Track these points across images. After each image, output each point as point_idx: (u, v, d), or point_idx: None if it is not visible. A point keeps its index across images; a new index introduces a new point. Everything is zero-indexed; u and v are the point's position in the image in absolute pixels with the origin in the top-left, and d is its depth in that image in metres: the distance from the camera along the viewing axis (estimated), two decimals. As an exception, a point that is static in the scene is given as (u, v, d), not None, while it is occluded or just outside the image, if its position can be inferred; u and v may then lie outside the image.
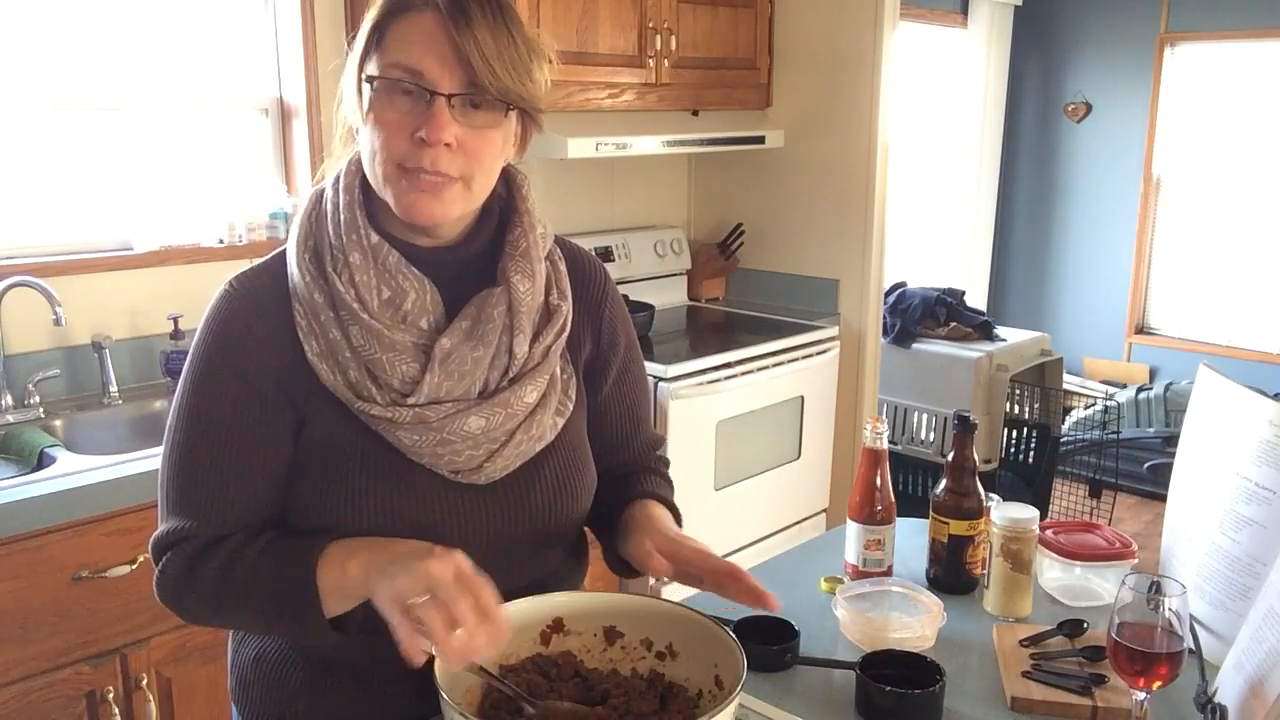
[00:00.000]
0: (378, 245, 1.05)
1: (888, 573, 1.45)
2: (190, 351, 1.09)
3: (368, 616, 0.99)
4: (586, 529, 1.29)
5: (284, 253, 1.10)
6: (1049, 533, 1.46)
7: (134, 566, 1.83)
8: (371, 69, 1.02)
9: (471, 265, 1.11)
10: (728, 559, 1.11)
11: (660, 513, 1.20)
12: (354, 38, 1.06)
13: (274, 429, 1.06)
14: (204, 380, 1.06)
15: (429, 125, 0.99)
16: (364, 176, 1.07)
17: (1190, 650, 1.06)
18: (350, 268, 1.04)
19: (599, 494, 1.23)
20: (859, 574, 1.45)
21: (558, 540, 1.19)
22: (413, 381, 1.04)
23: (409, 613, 0.89)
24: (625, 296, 3.14)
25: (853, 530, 1.46)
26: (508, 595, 1.08)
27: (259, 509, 1.08)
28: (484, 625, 0.90)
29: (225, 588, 1.04)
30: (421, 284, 1.06)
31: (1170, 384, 4.72)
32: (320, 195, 1.10)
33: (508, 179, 1.15)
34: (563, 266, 1.18)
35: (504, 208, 1.14)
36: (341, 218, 1.06)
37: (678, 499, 1.31)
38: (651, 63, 2.95)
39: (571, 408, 1.16)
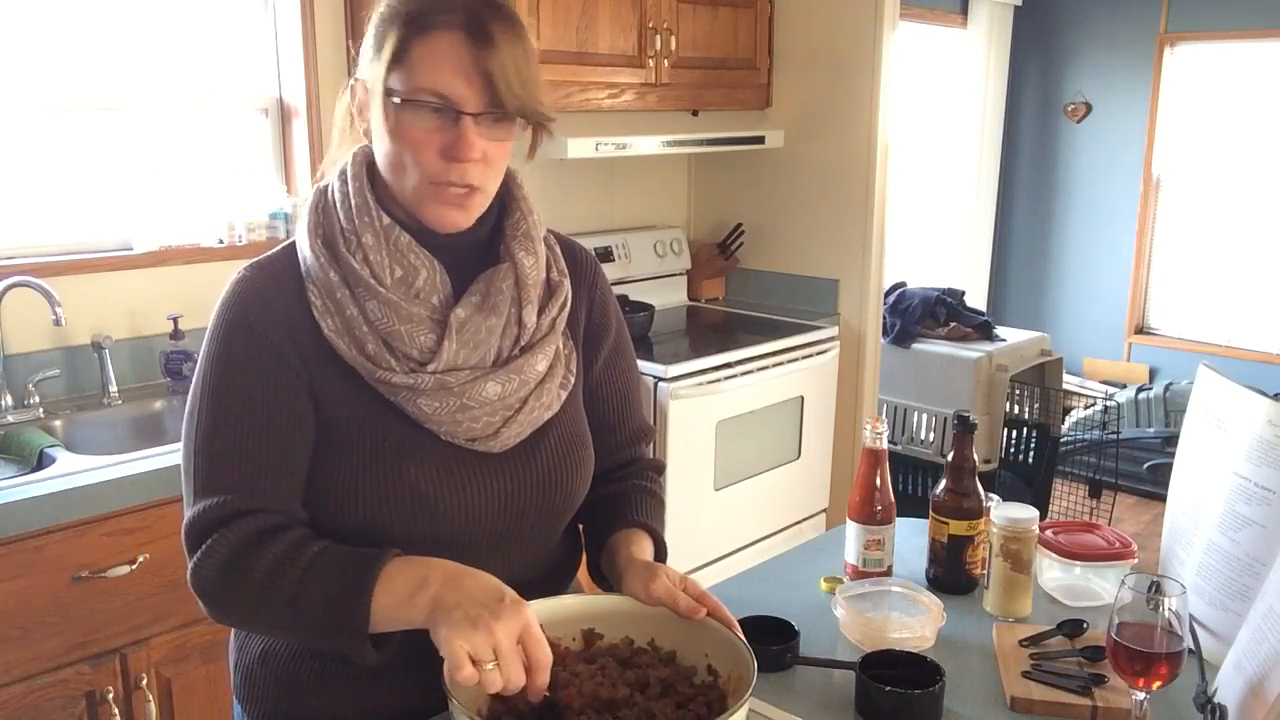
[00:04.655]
0: (389, 227, 1.10)
1: (888, 573, 1.45)
2: (208, 335, 1.10)
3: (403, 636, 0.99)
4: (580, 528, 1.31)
5: (291, 245, 1.14)
6: (1049, 533, 1.46)
7: (134, 566, 1.83)
8: (397, 85, 1.04)
9: (475, 249, 1.15)
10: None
11: (644, 553, 1.20)
12: (363, 44, 1.09)
13: (299, 401, 1.08)
14: (227, 358, 1.07)
15: (460, 144, 1.04)
16: (369, 166, 1.12)
17: (1190, 650, 1.06)
18: (364, 248, 1.09)
19: (593, 505, 1.26)
20: (859, 574, 1.45)
21: (560, 514, 1.21)
22: (430, 351, 1.08)
23: (473, 666, 0.92)
24: (625, 296, 3.17)
25: (853, 530, 1.46)
26: (517, 585, 1.10)
27: (292, 486, 1.07)
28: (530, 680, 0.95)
29: (274, 586, 1.01)
30: (431, 263, 1.11)
31: (1170, 384, 4.72)
32: (325, 189, 1.15)
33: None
34: (558, 249, 1.24)
35: (502, 197, 1.19)
36: (352, 203, 1.10)
37: (678, 500, 1.34)
38: (651, 63, 2.95)
39: (573, 381, 1.21)
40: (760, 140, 3.30)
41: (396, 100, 1.04)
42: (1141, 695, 1.07)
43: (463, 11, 1.03)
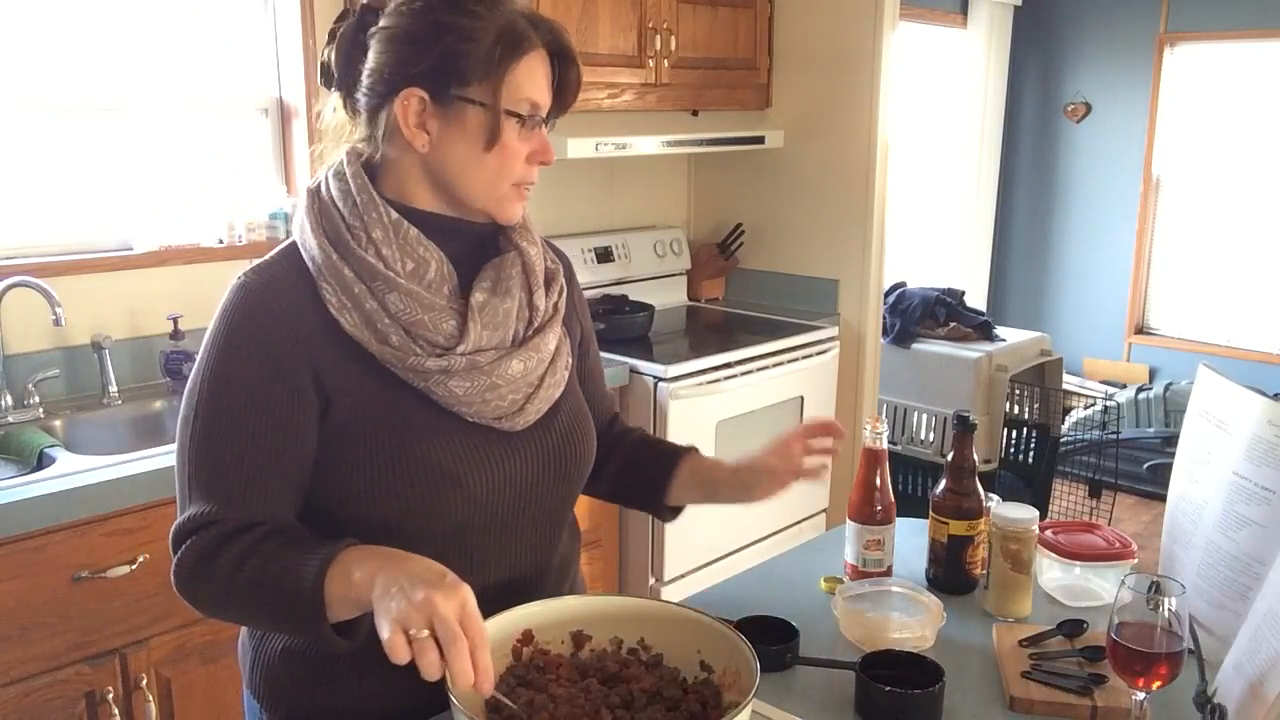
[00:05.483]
0: (397, 222, 1.12)
1: (887, 573, 1.45)
2: (208, 341, 1.11)
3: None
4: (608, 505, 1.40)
5: (291, 247, 1.15)
6: (1049, 533, 1.46)
7: (134, 566, 1.83)
8: (503, 100, 1.10)
9: (475, 243, 1.20)
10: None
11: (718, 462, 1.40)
12: (405, 53, 1.09)
13: (299, 417, 1.09)
14: (227, 367, 1.08)
15: (548, 150, 1.16)
16: (363, 164, 1.15)
17: (1190, 650, 1.07)
18: (375, 243, 1.11)
19: (628, 465, 1.40)
20: (859, 574, 1.45)
21: (574, 486, 1.26)
22: (453, 336, 1.12)
23: (408, 640, 0.92)
24: (624, 296, 3.17)
25: (852, 530, 1.46)
26: (531, 573, 1.19)
27: (284, 500, 1.09)
28: (475, 677, 0.93)
29: (235, 583, 1.04)
30: (439, 256, 1.14)
31: (1170, 384, 4.72)
32: (317, 189, 1.16)
33: None
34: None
35: None
36: (357, 200, 1.12)
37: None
38: (651, 63, 2.95)
39: (572, 361, 1.28)
40: (760, 140, 3.30)
41: (512, 117, 1.11)
42: (1141, 695, 1.07)
43: (542, 30, 1.13)
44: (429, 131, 1.11)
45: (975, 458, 1.43)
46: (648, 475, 1.39)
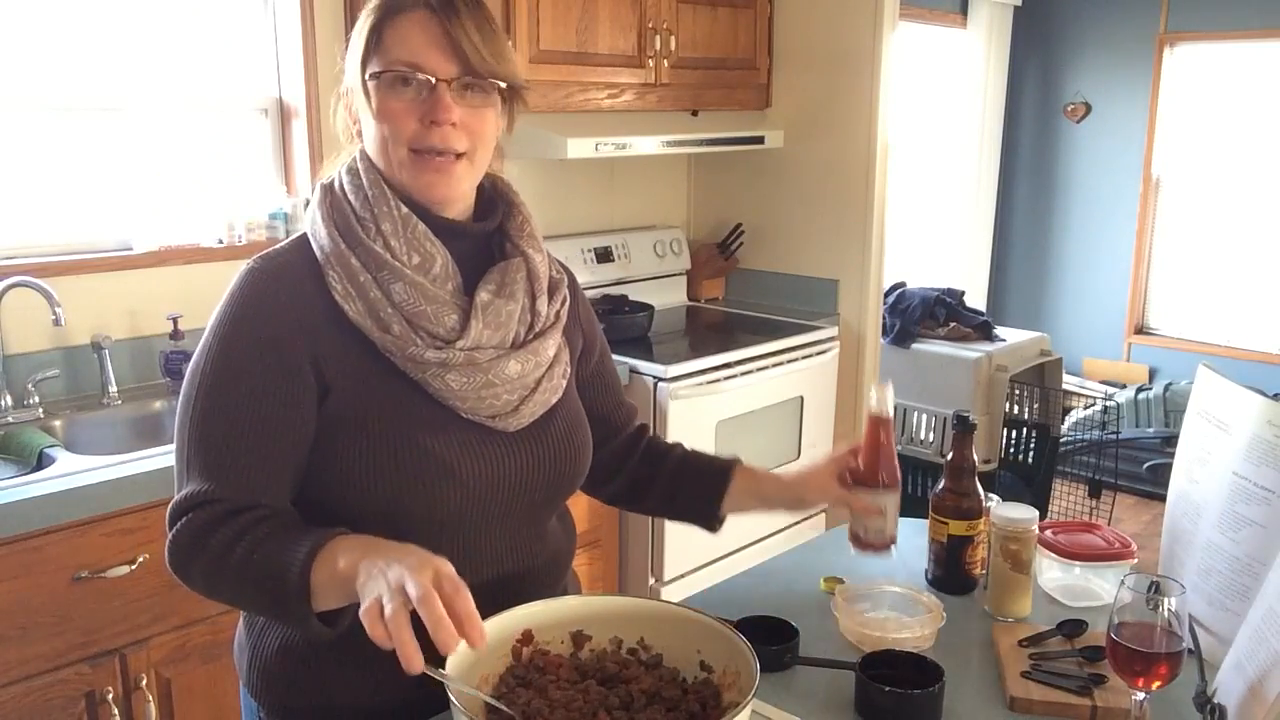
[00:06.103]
0: (407, 216, 1.14)
1: (890, 542, 1.36)
2: (213, 323, 1.12)
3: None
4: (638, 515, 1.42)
5: (300, 238, 1.17)
6: (1048, 533, 1.46)
7: (134, 567, 1.83)
8: (375, 67, 1.12)
9: (481, 245, 1.21)
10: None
11: (770, 475, 1.43)
12: (348, 44, 1.17)
13: (299, 400, 1.10)
14: (230, 348, 1.10)
15: (436, 107, 1.11)
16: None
17: (1189, 650, 1.07)
18: (383, 235, 1.13)
19: (675, 482, 1.41)
20: (860, 542, 1.36)
21: (565, 490, 1.27)
22: (455, 331, 1.13)
23: (382, 615, 0.91)
24: (624, 296, 3.17)
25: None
26: (525, 568, 1.20)
27: (281, 481, 1.10)
28: (461, 629, 0.92)
29: (226, 563, 1.05)
30: (445, 253, 1.16)
31: (1169, 384, 4.72)
32: (331, 185, 1.19)
33: (494, 179, 1.26)
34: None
35: (506, 199, 1.26)
36: (369, 194, 1.15)
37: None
38: (651, 63, 2.95)
39: (570, 371, 1.29)
40: (760, 140, 3.30)
41: (375, 79, 1.11)
42: (1141, 695, 1.07)
43: None
44: (358, 122, 1.17)
45: (975, 458, 1.43)
46: (701, 493, 1.41)
